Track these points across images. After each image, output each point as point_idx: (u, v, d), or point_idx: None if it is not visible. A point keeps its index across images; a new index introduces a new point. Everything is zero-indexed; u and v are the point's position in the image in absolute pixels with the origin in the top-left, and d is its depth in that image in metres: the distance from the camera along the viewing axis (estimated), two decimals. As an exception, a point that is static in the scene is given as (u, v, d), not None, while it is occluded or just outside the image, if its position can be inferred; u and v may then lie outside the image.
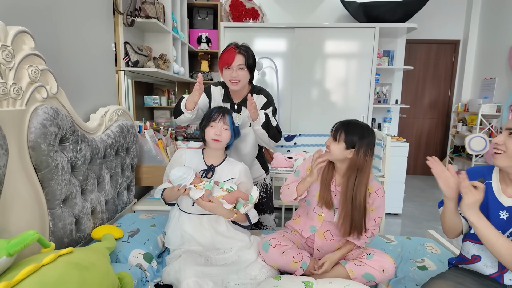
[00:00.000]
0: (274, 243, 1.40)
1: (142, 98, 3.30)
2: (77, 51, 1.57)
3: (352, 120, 1.43)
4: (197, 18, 3.30)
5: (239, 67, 1.59)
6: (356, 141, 1.36)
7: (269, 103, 1.75)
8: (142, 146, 2.10)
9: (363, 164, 1.37)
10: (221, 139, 1.47)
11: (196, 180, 1.43)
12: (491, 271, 1.14)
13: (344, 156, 1.39)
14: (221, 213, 1.43)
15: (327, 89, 3.21)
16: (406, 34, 3.52)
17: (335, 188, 1.48)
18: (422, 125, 5.00)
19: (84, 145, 1.40)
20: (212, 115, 1.48)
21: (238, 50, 1.59)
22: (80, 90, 1.61)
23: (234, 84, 1.62)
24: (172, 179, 1.41)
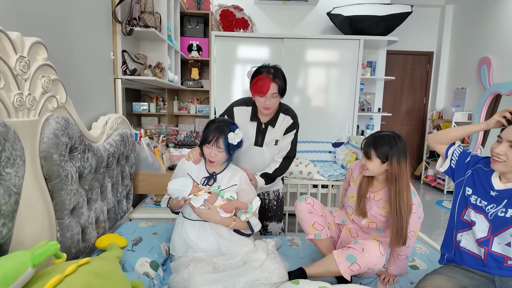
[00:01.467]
0: (308, 201, 1.56)
1: (130, 105, 3.29)
2: (79, 60, 1.57)
3: (376, 134, 1.46)
4: (187, 26, 3.33)
5: (273, 96, 1.61)
6: (387, 152, 1.38)
7: (294, 126, 1.79)
8: (139, 154, 2.10)
9: (399, 172, 1.39)
10: (215, 160, 1.50)
11: (195, 189, 1.47)
12: (482, 235, 1.27)
13: (383, 169, 1.43)
14: (217, 221, 1.45)
15: (313, 97, 3.33)
16: (387, 46, 3.73)
17: (370, 195, 1.52)
18: (400, 131, 5.25)
19: (91, 154, 1.40)
20: (208, 137, 1.48)
21: (272, 79, 1.58)
22: (83, 99, 1.60)
23: (266, 109, 1.66)
24: (170, 193, 1.44)
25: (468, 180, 1.37)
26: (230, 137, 1.48)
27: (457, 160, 1.42)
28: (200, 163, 1.62)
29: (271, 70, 1.61)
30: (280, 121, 1.77)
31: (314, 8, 3.75)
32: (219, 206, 1.46)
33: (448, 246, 1.45)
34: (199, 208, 1.44)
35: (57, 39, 1.38)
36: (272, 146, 1.80)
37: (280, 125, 1.78)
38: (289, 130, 1.78)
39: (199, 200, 1.44)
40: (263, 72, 1.60)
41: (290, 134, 1.80)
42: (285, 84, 1.65)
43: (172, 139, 3.18)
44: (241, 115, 1.78)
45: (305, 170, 2.68)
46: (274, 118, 1.76)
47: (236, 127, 1.55)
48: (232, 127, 1.52)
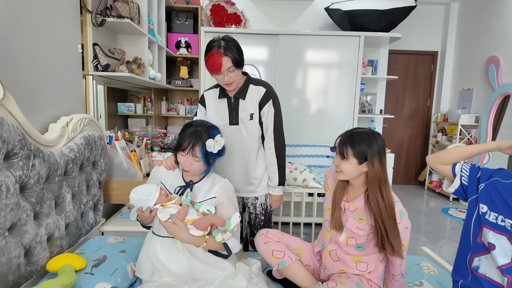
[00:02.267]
0: (261, 233, 1.43)
1: (115, 106, 3.07)
2: (34, 52, 1.36)
3: (353, 130, 1.29)
4: (176, 22, 3.12)
5: (229, 70, 1.48)
6: (366, 151, 1.22)
7: (268, 95, 1.62)
8: (112, 159, 1.89)
9: (381, 173, 1.23)
10: (190, 169, 1.29)
11: (162, 198, 1.25)
12: (504, 261, 1.06)
13: (359, 172, 1.25)
14: (184, 239, 1.22)
15: (311, 98, 3.11)
16: (389, 44, 3.51)
17: (345, 205, 1.33)
18: (403, 135, 5.03)
19: (39, 161, 1.18)
20: (182, 143, 1.25)
21: (223, 53, 1.45)
22: (38, 97, 1.39)
23: (228, 86, 1.54)
24: (133, 203, 1.22)
25: (482, 196, 1.15)
26: (208, 144, 1.25)
27: (468, 175, 1.22)
28: (176, 170, 1.41)
29: (221, 43, 1.46)
30: (250, 92, 1.62)
31: (312, 4, 3.55)
32: (190, 222, 1.24)
33: (462, 271, 1.22)
34: (166, 221, 1.21)
35: (3, 29, 1.17)
36: (248, 122, 1.63)
37: (251, 96, 1.62)
38: (264, 102, 1.61)
39: (166, 213, 1.21)
40: (213, 47, 1.46)
41: (267, 107, 1.62)
42: (239, 54, 1.50)
43: (158, 142, 2.96)
44: (211, 97, 1.67)
45: (299, 176, 2.46)
46: (243, 90, 1.61)
47: (217, 132, 1.32)
48: (212, 132, 1.29)
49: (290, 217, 2.45)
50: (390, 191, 1.25)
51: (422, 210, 4.00)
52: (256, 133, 1.66)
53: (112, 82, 2.24)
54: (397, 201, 1.26)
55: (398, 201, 1.27)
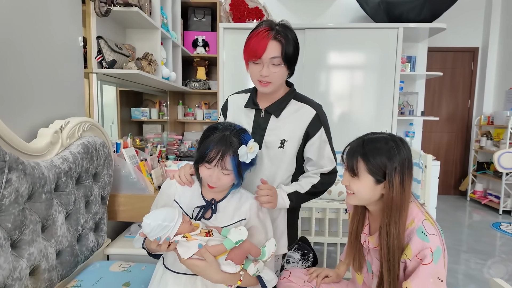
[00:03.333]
0: (283, 276, 1.21)
1: (129, 111, 2.86)
2: (23, 44, 1.12)
3: (366, 137, 0.96)
4: (192, 19, 2.89)
5: (273, 62, 1.06)
6: (386, 166, 0.89)
7: (319, 121, 1.16)
8: (119, 170, 1.63)
9: (400, 197, 0.90)
10: (218, 185, 1.00)
11: (185, 227, 0.95)
12: None
13: (378, 194, 0.93)
14: (217, 280, 0.92)
15: (342, 99, 2.77)
16: (429, 37, 3.13)
17: (366, 239, 1.01)
18: (440, 140, 4.57)
19: (17, 176, 0.92)
20: (207, 154, 0.97)
21: (272, 35, 1.04)
22: (25, 97, 1.15)
23: (263, 85, 1.11)
24: (147, 232, 0.92)
25: None
26: (241, 152, 0.97)
27: None
28: (193, 185, 1.11)
29: (274, 25, 1.07)
30: (290, 110, 1.18)
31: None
32: (223, 255, 0.94)
33: None
34: (190, 258, 0.92)
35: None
36: (275, 150, 1.17)
37: (289, 115, 1.17)
38: (313, 131, 1.16)
39: (191, 247, 0.92)
40: (263, 24, 1.08)
41: (317, 138, 1.16)
42: (294, 49, 1.08)
43: (174, 150, 2.71)
44: (235, 103, 1.28)
45: (334, 188, 2.12)
46: (280, 104, 1.17)
47: (249, 136, 1.04)
48: (243, 137, 1.01)
49: (324, 237, 2.11)
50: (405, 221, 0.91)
51: (466, 224, 3.54)
52: (284, 169, 1.19)
53: (122, 83, 2.00)
54: (434, 234, 0.88)
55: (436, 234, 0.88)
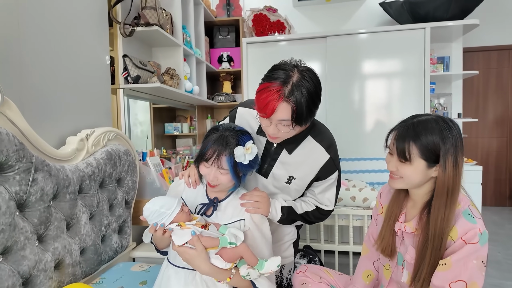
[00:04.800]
0: (299, 270, 1.21)
1: (163, 126, 3.05)
2: (57, 63, 1.29)
3: (415, 118, 0.93)
4: (218, 36, 3.05)
5: (282, 123, 0.99)
6: (439, 148, 0.85)
7: (333, 165, 1.14)
8: (144, 177, 1.74)
9: (454, 179, 0.86)
10: (217, 183, 1.03)
11: (182, 216, 1.00)
12: None
13: (427, 178, 0.90)
14: (203, 270, 0.94)
15: (369, 105, 2.69)
16: (463, 35, 2.95)
17: (402, 227, 0.96)
18: (489, 146, 4.18)
19: (42, 176, 1.04)
20: (204, 153, 1.01)
21: (284, 96, 0.94)
22: (58, 108, 1.30)
23: (272, 138, 1.08)
24: (145, 216, 1.00)
25: None
26: (237, 153, 1.00)
27: None
28: (199, 185, 1.17)
29: (289, 79, 0.95)
30: (304, 148, 1.14)
31: (364, 3, 3.20)
32: (215, 249, 0.97)
33: None
34: (182, 246, 0.96)
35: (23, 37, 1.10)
36: (283, 184, 1.18)
37: (302, 154, 1.15)
38: (325, 174, 1.16)
39: (184, 234, 0.96)
40: (277, 79, 0.96)
41: (328, 181, 1.17)
42: (310, 106, 0.97)
43: (202, 161, 2.81)
44: (244, 121, 1.22)
45: (359, 195, 2.04)
46: (294, 141, 1.13)
47: (248, 138, 1.06)
48: (241, 138, 1.03)
49: (349, 246, 2.02)
50: (455, 207, 0.88)
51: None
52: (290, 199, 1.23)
53: (150, 98, 2.16)
54: (480, 218, 0.86)
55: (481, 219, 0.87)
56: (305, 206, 1.20)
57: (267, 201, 1.12)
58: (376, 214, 1.13)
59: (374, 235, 1.13)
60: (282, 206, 1.15)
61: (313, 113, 1.02)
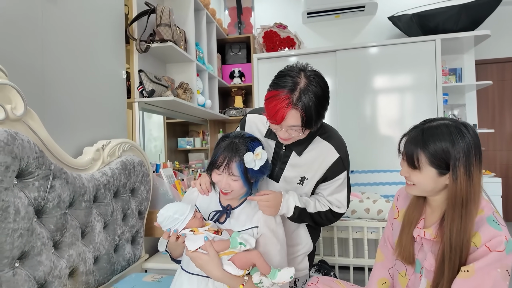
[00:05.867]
0: (311, 282, 1.12)
1: (176, 141, 3.11)
2: (76, 76, 1.36)
3: (425, 123, 0.90)
4: (229, 53, 3.14)
5: (291, 128, 1.02)
6: (449, 155, 0.83)
7: (342, 164, 1.15)
8: (157, 188, 1.76)
9: (468, 189, 0.82)
10: (229, 190, 1.04)
11: (195, 222, 1.01)
12: None
13: (441, 185, 0.87)
14: (216, 276, 0.94)
15: (381, 117, 2.68)
16: (474, 47, 2.94)
17: (421, 233, 0.93)
18: (508, 159, 4.05)
19: (60, 183, 1.07)
20: (216, 159, 1.03)
21: (292, 103, 0.96)
22: (76, 120, 1.35)
23: (284, 139, 1.09)
24: (159, 222, 1.01)
25: None
26: (247, 159, 1.01)
27: None
28: (211, 192, 1.18)
29: (296, 86, 0.97)
30: (314, 148, 1.16)
31: (373, 18, 3.25)
32: (228, 254, 0.97)
33: None
34: (195, 251, 0.96)
35: (46, 52, 1.17)
36: (295, 186, 1.18)
37: (312, 155, 1.15)
38: (334, 174, 1.16)
39: (197, 240, 0.96)
40: (285, 87, 0.97)
41: (337, 182, 1.17)
42: (318, 110, 0.99)
43: (214, 175, 2.83)
44: (253, 125, 1.24)
45: (373, 207, 2.00)
46: (303, 142, 1.14)
47: (257, 144, 1.07)
48: (251, 145, 1.05)
49: (364, 260, 1.97)
50: (473, 218, 0.82)
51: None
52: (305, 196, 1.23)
53: (164, 112, 2.21)
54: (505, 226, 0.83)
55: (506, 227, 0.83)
56: (319, 206, 1.19)
57: (277, 200, 1.10)
58: (392, 218, 1.10)
59: (390, 239, 1.10)
60: (296, 206, 1.13)
61: (322, 115, 1.04)
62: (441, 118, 0.91)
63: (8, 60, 1.05)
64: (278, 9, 3.45)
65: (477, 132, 0.87)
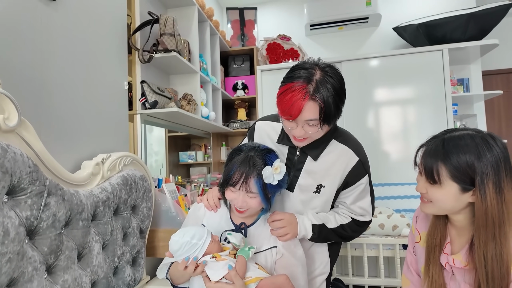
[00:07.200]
0: None
1: (177, 155, 3.02)
2: (76, 87, 1.28)
3: (446, 134, 0.82)
4: (232, 66, 3.09)
5: (309, 123, 0.92)
6: (473, 169, 0.74)
7: (362, 167, 1.06)
8: (160, 205, 1.66)
9: (499, 208, 0.73)
10: (246, 208, 0.95)
11: (214, 246, 0.90)
12: None
13: (464, 203, 0.78)
14: None
15: (389, 129, 2.60)
16: (481, 57, 2.90)
17: (450, 260, 0.84)
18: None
19: (55, 200, 0.98)
20: (231, 176, 0.93)
21: (310, 94, 0.88)
22: (74, 134, 1.27)
23: (299, 140, 1.00)
24: (174, 250, 0.89)
25: None
26: (266, 174, 0.92)
27: None
28: (220, 208, 1.08)
29: (314, 75, 0.90)
30: (330, 152, 1.06)
31: (377, 29, 3.23)
32: (254, 281, 0.86)
33: None
34: (218, 282, 0.85)
35: (44, 62, 1.10)
36: (310, 194, 1.07)
37: (329, 159, 1.06)
38: (355, 178, 1.06)
39: (220, 269, 0.86)
40: (300, 78, 0.91)
41: (358, 187, 1.07)
42: (337, 102, 0.92)
43: (217, 189, 2.73)
44: (263, 131, 1.15)
45: (388, 222, 1.90)
46: (318, 146, 1.05)
47: (275, 156, 0.99)
48: (268, 158, 0.97)
49: (380, 279, 1.85)
50: (510, 241, 0.73)
51: None
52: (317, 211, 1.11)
53: (167, 124, 2.14)
54: None
55: None
56: (339, 219, 1.08)
57: (293, 222, 1.02)
58: (413, 242, 1.01)
59: (413, 265, 1.01)
60: (313, 225, 1.04)
61: (341, 110, 0.97)
62: (464, 129, 0.83)
63: (4, 67, 0.98)
64: (281, 21, 3.43)
65: (505, 145, 0.79)
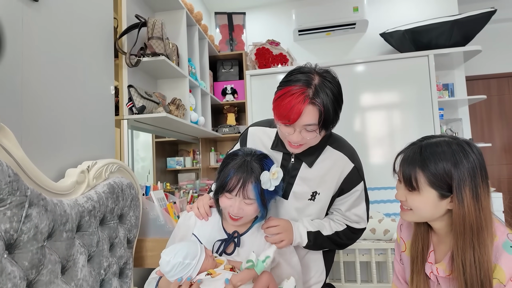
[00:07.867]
0: None
1: (165, 161, 2.96)
2: (59, 92, 1.23)
3: (423, 140, 0.82)
4: (221, 70, 3.07)
5: (307, 128, 0.91)
6: (450, 175, 0.74)
7: (358, 174, 1.05)
8: (148, 213, 1.61)
9: (476, 214, 0.74)
10: (242, 215, 0.93)
11: (209, 262, 0.86)
12: None
13: (442, 210, 0.78)
14: None
15: (376, 134, 2.63)
16: (464, 63, 2.98)
17: (434, 269, 0.83)
18: (499, 173, 4.08)
19: (37, 211, 0.92)
20: (227, 182, 0.90)
21: (309, 98, 0.87)
22: (57, 141, 1.21)
23: (294, 147, 0.98)
24: (166, 271, 0.84)
25: None
26: (263, 179, 0.90)
27: None
28: (211, 217, 1.05)
29: (312, 81, 0.88)
30: (325, 159, 1.04)
31: (364, 35, 3.27)
32: None
33: None
34: None
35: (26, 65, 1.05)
36: (305, 202, 1.05)
37: (324, 166, 1.04)
38: (351, 185, 1.05)
39: (217, 285, 0.82)
40: (298, 82, 0.89)
41: (353, 194, 1.06)
42: (336, 107, 0.92)
43: (207, 196, 2.68)
44: (256, 139, 1.13)
45: (379, 227, 1.90)
46: (313, 152, 1.03)
47: (271, 161, 0.97)
48: (265, 163, 0.95)
49: (373, 284, 1.84)
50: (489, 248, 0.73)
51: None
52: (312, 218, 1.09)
53: (155, 130, 2.09)
54: None
55: None
56: (334, 226, 1.07)
57: (288, 228, 1.00)
58: (399, 251, 1.01)
59: (401, 274, 1.01)
60: (308, 232, 1.02)
61: (338, 116, 0.96)
62: (440, 135, 0.84)
63: (-20, 71, 0.93)
64: (269, 27, 3.44)
65: (481, 152, 0.80)
